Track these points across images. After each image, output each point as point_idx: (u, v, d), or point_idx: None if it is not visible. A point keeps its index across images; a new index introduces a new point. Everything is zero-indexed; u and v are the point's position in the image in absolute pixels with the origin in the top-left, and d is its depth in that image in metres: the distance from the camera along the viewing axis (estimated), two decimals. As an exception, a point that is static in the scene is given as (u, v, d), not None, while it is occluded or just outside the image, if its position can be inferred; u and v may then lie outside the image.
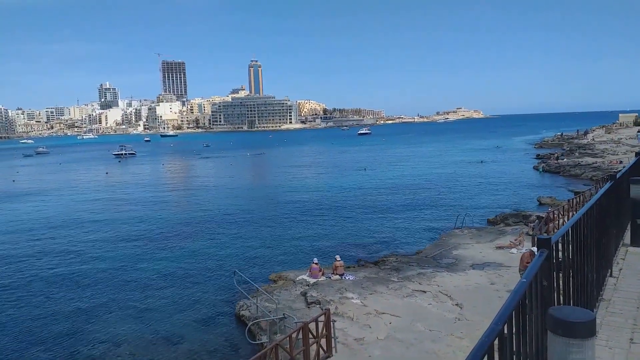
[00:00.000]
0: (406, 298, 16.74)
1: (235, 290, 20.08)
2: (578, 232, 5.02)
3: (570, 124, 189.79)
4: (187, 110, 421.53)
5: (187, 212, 41.21)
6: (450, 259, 21.74)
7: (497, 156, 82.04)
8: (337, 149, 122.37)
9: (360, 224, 33.33)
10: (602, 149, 67.08)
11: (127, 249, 29.23)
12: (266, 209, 40.69)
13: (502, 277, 18.30)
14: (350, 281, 19.04)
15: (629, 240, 8.98)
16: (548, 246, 3.66)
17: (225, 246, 28.86)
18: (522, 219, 29.82)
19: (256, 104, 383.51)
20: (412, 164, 75.19)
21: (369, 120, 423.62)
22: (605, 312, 6.04)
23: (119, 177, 74.81)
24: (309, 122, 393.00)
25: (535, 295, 3.25)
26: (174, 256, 27.11)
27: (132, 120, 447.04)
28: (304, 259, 24.55)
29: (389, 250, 26.23)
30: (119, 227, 35.34)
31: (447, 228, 29.85)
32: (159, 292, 21.36)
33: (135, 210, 42.27)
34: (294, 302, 17.40)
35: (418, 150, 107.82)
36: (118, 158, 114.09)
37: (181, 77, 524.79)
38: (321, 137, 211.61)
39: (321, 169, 74.29)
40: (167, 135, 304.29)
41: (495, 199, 41.11)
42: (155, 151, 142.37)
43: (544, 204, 35.97)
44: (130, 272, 24.51)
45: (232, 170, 79.04)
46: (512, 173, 57.60)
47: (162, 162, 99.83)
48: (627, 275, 7.40)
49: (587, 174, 48.38)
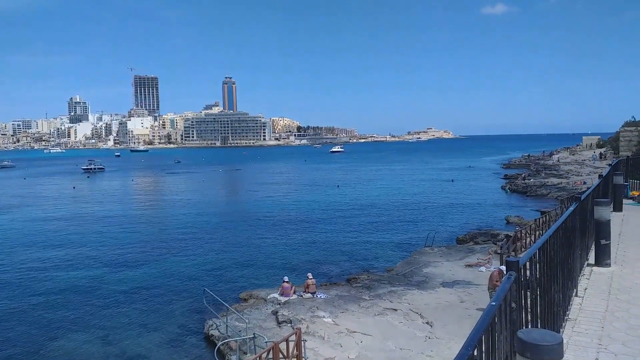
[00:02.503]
0: (377, 316, 16.72)
1: (204, 309, 19.67)
2: (545, 254, 5.12)
3: (536, 145, 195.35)
4: (159, 125, 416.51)
5: (156, 228, 40.43)
6: (420, 277, 21.87)
7: (468, 175, 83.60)
8: (310, 167, 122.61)
9: (333, 242, 33.30)
10: (567, 170, 69.17)
11: (92, 266, 28.40)
12: (237, 226, 40.28)
13: (471, 295, 18.50)
14: (322, 299, 18.92)
15: (593, 260, 9.21)
16: (516, 268, 3.72)
17: (195, 264, 28.36)
18: (490, 237, 30.31)
19: (230, 120, 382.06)
20: (385, 182, 75.85)
21: (343, 138, 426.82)
22: (571, 332, 6.15)
23: (87, 192, 73.04)
24: (282, 139, 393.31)
25: (505, 317, 3.28)
26: (142, 274, 26.46)
27: (102, 135, 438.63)
28: (276, 277, 24.29)
29: (361, 267, 26.24)
30: (85, 244, 34.36)
31: (418, 246, 30.10)
32: (125, 311, 20.76)
33: (102, 227, 41.22)
34: (265, 321, 17.16)
35: (391, 168, 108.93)
36: (87, 173, 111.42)
37: (154, 92, 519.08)
38: (294, 154, 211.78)
39: (294, 186, 74.18)
40: (138, 150, 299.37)
41: (464, 217, 41.75)
42: (125, 166, 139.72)
43: (511, 223, 36.72)
44: (96, 290, 23.79)
45: (203, 186, 78.16)
46: (481, 192, 58.71)
47: (132, 178, 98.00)
48: (592, 294, 7.57)
49: (552, 194, 49.68)
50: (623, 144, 30.47)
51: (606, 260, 9.00)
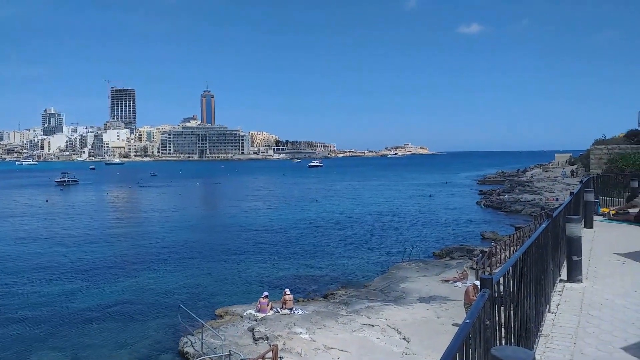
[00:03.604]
0: (355, 332, 16.67)
1: (179, 325, 19.34)
2: (518, 270, 5.22)
3: (510, 162, 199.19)
4: (135, 138, 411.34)
5: (130, 243, 39.70)
6: (398, 292, 21.93)
7: (445, 190, 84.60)
8: (289, 181, 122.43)
9: (311, 257, 33.19)
10: (540, 187, 70.63)
11: (64, 283, 27.68)
12: (214, 241, 39.84)
13: (447, 310, 18.62)
14: (299, 315, 18.80)
15: (565, 276, 9.39)
16: (490, 286, 3.79)
17: (170, 280, 27.89)
18: (466, 252, 30.68)
19: (208, 134, 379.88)
20: (363, 197, 76.15)
21: (321, 152, 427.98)
22: (544, 347, 6.25)
23: (60, 205, 71.37)
24: (261, 153, 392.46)
25: (479, 335, 3.33)
26: (115, 290, 25.89)
27: (76, 147, 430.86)
28: (253, 293, 24.07)
29: (338, 283, 26.18)
30: (57, 260, 33.50)
31: (395, 261, 30.21)
32: (97, 328, 20.24)
33: (75, 241, 40.28)
34: (241, 337, 16.94)
35: (369, 183, 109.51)
36: (60, 186, 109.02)
37: (131, 104, 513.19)
38: (273, 168, 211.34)
39: (272, 201, 73.88)
40: (113, 163, 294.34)
41: (441, 232, 42.16)
42: (100, 179, 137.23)
43: (487, 238, 37.25)
44: (67, 307, 23.16)
45: (180, 200, 77.24)
46: (457, 208, 59.42)
47: (107, 191, 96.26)
48: (564, 310, 7.71)
49: (526, 210, 50.60)
50: (593, 161, 31.31)
51: (578, 276, 9.19)
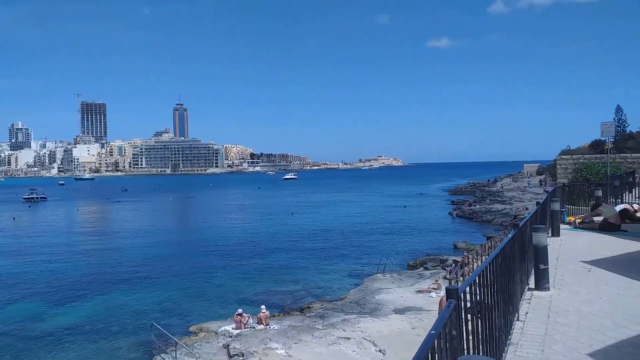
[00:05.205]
0: (331, 346, 16.65)
1: (152, 344, 18.97)
2: (485, 280, 5.35)
3: (480, 172, 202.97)
4: (106, 152, 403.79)
5: (101, 260, 38.84)
6: (373, 304, 22.02)
7: (419, 201, 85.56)
8: (263, 194, 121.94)
9: (286, 270, 33.08)
10: (510, 197, 72.21)
11: (32, 302, 26.86)
12: (188, 257, 39.32)
13: (422, 321, 18.77)
14: (275, 330, 18.68)
15: (533, 284, 9.63)
16: (456, 296, 3.90)
17: (143, 297, 27.37)
18: (439, 263, 31.07)
19: (181, 147, 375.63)
20: (338, 209, 76.37)
21: (296, 165, 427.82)
22: (513, 355, 6.40)
23: (29, 223, 69.39)
24: (235, 167, 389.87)
25: (445, 345, 3.43)
26: (86, 309, 25.26)
27: (45, 163, 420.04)
28: (228, 309, 23.83)
29: (314, 296, 26.16)
30: (25, 278, 32.51)
31: (370, 272, 30.36)
32: (68, 348, 19.69)
33: (44, 259, 39.17)
34: (216, 355, 16.73)
35: (344, 195, 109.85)
36: (28, 202, 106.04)
37: (101, 118, 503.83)
38: (247, 181, 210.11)
39: (247, 214, 73.43)
40: (83, 178, 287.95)
41: (414, 243, 42.59)
42: (69, 195, 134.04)
43: (459, 248, 37.84)
44: (35, 327, 22.46)
45: (152, 215, 75.98)
46: (430, 218, 60.17)
47: (77, 207, 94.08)
48: (533, 318, 7.91)
49: (497, 220, 51.59)
50: (560, 171, 32.24)
51: (545, 285, 9.43)
